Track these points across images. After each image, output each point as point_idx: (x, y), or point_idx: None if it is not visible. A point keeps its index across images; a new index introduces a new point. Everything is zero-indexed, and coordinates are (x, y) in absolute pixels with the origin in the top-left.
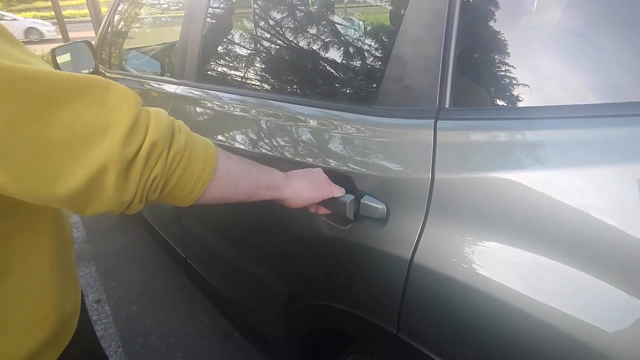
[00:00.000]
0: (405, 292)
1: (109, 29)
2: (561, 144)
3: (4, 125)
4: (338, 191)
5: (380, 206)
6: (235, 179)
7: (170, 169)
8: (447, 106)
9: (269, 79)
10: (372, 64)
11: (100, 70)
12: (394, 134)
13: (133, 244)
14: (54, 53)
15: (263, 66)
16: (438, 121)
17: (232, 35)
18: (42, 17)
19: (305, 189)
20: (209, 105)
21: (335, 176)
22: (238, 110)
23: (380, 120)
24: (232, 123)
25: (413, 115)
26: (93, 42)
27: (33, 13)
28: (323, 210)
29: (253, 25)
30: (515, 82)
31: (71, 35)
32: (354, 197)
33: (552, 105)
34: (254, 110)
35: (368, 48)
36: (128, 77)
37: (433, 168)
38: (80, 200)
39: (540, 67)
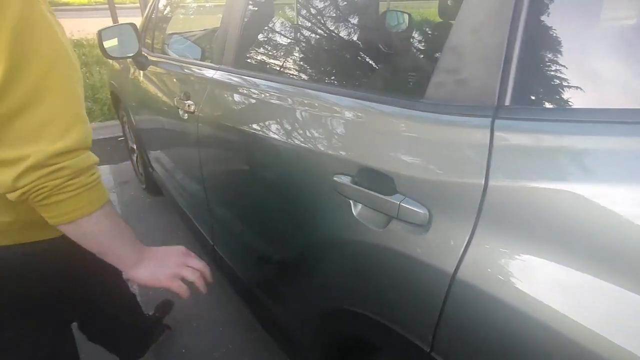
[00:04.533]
0: (444, 308)
1: (154, 14)
2: None
3: None
4: (175, 284)
5: (421, 211)
6: (88, 240)
7: (59, 189)
8: (507, 104)
9: (307, 68)
10: (421, 53)
11: (142, 53)
12: (443, 132)
13: (166, 226)
14: (100, 34)
15: (302, 55)
16: (496, 120)
17: (273, 22)
18: (96, 2)
19: (148, 273)
20: (246, 91)
21: (373, 175)
22: (274, 98)
23: (429, 116)
24: (266, 110)
25: (467, 112)
26: (138, 26)
27: None
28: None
29: (295, 13)
30: (592, 80)
31: (121, 21)
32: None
33: (635, 108)
34: (290, 99)
35: (417, 37)
36: (169, 61)
37: (487, 173)
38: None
39: (626, 65)
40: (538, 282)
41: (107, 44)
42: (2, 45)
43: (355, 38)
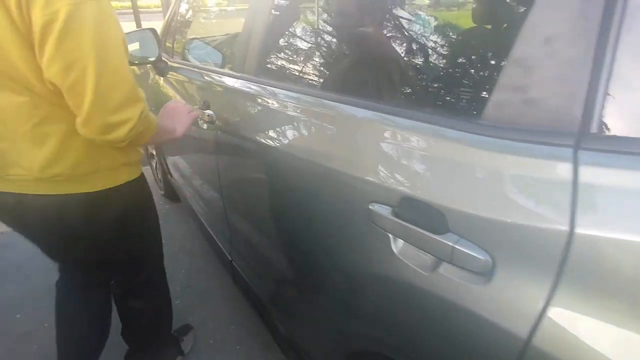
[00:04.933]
0: None
1: (175, 18)
2: None
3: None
4: (194, 114)
5: (481, 257)
6: (157, 137)
7: (145, 128)
8: (594, 131)
9: (337, 80)
10: (479, 64)
11: (163, 58)
12: (510, 162)
13: (184, 235)
14: None
15: (331, 65)
16: (579, 151)
17: (299, 29)
18: (122, 7)
19: (180, 126)
20: (269, 103)
21: (418, 208)
22: (299, 111)
23: (489, 141)
24: (291, 125)
25: (540, 139)
26: (159, 31)
27: (114, 4)
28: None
29: (321, 19)
30: None
31: (144, 25)
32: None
33: None
34: (317, 114)
35: (472, 43)
36: (189, 67)
37: (573, 218)
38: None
39: None
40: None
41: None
42: (88, 40)
43: (393, 47)
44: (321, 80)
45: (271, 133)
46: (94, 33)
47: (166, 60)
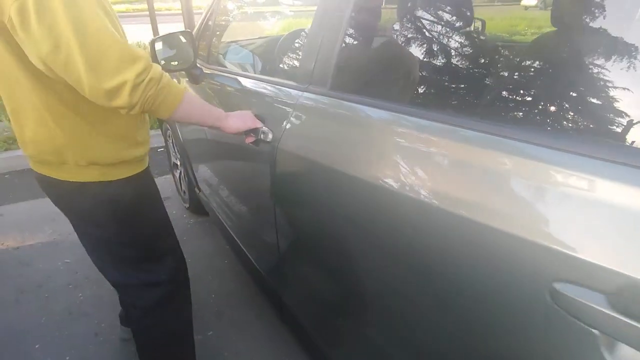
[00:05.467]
0: None
1: (212, 19)
2: None
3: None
4: (258, 124)
5: None
6: (190, 112)
7: (158, 93)
8: None
9: (448, 93)
10: None
11: (198, 64)
12: None
13: (211, 252)
14: (153, 44)
15: (447, 74)
16: None
17: (390, 28)
18: (135, 10)
19: (236, 121)
20: (359, 124)
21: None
22: (393, 133)
23: None
24: (398, 156)
25: None
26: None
27: (126, 6)
28: (249, 139)
29: (419, 14)
30: None
31: (160, 28)
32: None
33: None
34: (435, 142)
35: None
36: (231, 76)
37: None
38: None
39: None
40: None
41: (158, 54)
42: (61, 14)
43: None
44: (435, 98)
45: (365, 164)
46: (64, 5)
47: (201, 66)
